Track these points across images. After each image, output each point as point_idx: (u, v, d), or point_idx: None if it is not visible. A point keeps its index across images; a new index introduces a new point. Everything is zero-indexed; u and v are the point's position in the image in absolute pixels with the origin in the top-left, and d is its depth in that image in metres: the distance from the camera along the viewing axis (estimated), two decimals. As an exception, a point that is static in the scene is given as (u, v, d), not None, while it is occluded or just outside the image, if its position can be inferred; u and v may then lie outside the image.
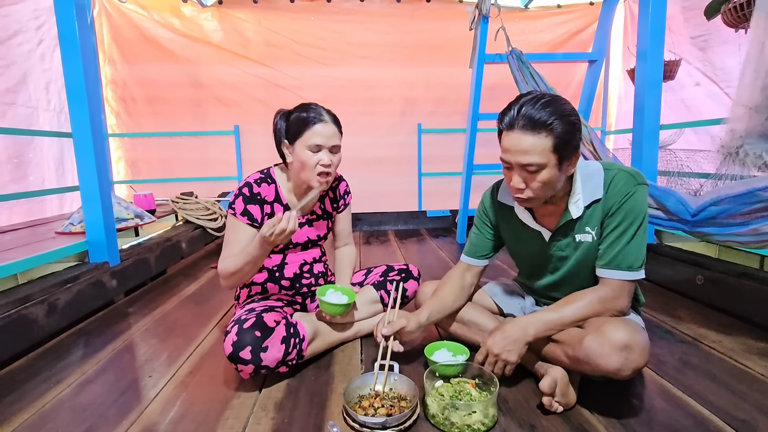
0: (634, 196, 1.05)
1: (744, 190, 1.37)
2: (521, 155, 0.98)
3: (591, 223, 1.10)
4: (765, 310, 1.49)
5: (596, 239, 1.11)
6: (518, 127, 0.98)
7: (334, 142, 1.30)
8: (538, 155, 0.97)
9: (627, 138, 2.57)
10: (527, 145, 0.97)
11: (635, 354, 0.94)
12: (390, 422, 0.96)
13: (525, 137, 0.97)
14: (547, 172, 0.99)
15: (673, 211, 1.65)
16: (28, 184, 2.73)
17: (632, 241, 1.05)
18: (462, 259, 1.35)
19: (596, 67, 2.90)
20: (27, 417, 1.08)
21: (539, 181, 1.00)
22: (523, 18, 3.69)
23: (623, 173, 1.08)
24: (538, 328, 1.06)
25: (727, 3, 1.94)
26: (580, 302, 1.08)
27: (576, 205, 1.09)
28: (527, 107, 0.98)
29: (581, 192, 1.09)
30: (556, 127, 0.96)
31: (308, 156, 1.27)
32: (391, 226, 3.89)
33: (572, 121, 0.98)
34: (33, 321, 1.45)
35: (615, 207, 1.06)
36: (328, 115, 1.30)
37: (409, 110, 3.85)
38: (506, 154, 1.02)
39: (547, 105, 0.97)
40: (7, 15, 2.58)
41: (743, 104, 1.60)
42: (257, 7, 3.56)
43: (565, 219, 1.11)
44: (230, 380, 1.23)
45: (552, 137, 0.96)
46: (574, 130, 0.99)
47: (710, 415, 1.02)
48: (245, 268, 1.25)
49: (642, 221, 1.05)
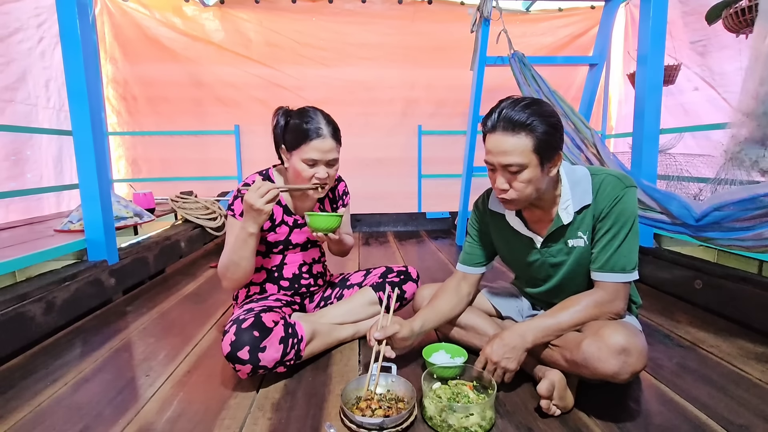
0: (624, 199, 1.06)
1: (747, 196, 1.38)
2: (503, 156, 1.01)
3: (582, 228, 1.11)
4: (763, 315, 1.50)
5: (588, 243, 1.12)
6: (499, 129, 1.01)
7: (332, 156, 1.28)
8: (519, 155, 1.00)
9: (627, 142, 2.57)
10: (508, 146, 1.00)
11: (633, 358, 0.94)
12: (387, 423, 0.96)
13: (506, 138, 1.00)
14: (528, 172, 1.01)
15: (676, 215, 1.66)
16: (26, 182, 2.73)
17: (624, 243, 1.06)
18: (458, 268, 1.35)
19: (597, 71, 2.90)
20: (23, 415, 1.08)
21: (521, 181, 1.02)
22: (524, 21, 3.70)
23: (611, 177, 1.09)
24: (536, 335, 1.07)
25: (728, 8, 1.95)
26: (576, 307, 1.08)
27: (566, 211, 1.10)
28: (507, 110, 1.00)
29: (570, 198, 1.10)
30: (536, 127, 0.98)
31: (303, 168, 1.26)
32: (390, 228, 3.89)
33: (552, 123, 1.01)
34: (30, 319, 1.45)
35: (605, 211, 1.07)
36: (327, 128, 1.26)
37: (410, 112, 3.85)
38: (489, 156, 1.05)
39: (527, 107, 1.00)
40: (8, 12, 2.58)
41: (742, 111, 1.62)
42: (259, 7, 3.56)
43: (556, 225, 1.12)
44: (228, 380, 1.23)
45: (532, 138, 0.99)
46: (555, 131, 1.01)
47: (708, 419, 1.02)
48: (234, 256, 1.24)
49: (633, 223, 1.07)
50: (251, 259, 1.27)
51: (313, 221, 1.25)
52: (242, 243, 1.23)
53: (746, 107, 1.59)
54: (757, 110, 1.56)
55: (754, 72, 1.57)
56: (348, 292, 1.57)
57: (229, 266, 1.26)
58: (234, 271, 1.27)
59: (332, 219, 1.25)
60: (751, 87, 1.58)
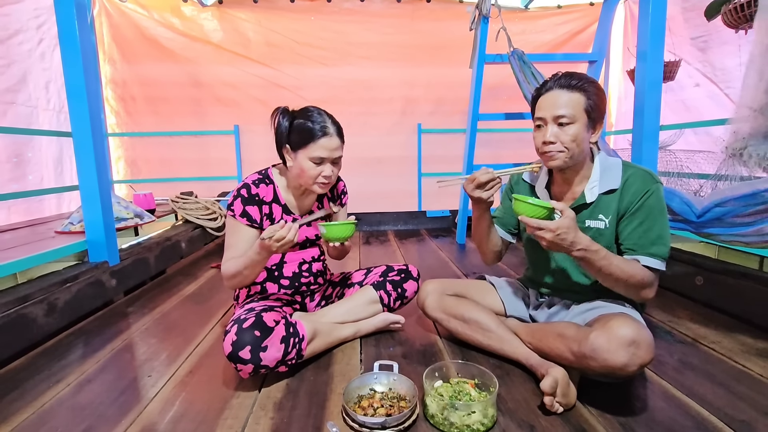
0: (656, 194, 1.12)
1: (749, 191, 1.38)
2: (557, 108, 1.11)
3: (605, 211, 1.16)
4: (764, 311, 1.49)
5: (608, 227, 1.15)
6: (556, 87, 1.13)
7: (338, 154, 1.30)
8: (573, 108, 1.10)
9: (627, 138, 2.57)
10: (563, 100, 1.11)
11: (642, 350, 0.95)
12: (389, 422, 0.96)
13: (562, 93, 1.12)
14: (576, 127, 1.11)
15: (678, 212, 1.66)
16: (27, 184, 2.73)
17: (662, 234, 1.10)
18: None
19: (596, 68, 2.90)
20: (26, 416, 1.08)
21: (569, 134, 1.11)
22: (523, 18, 3.69)
23: (640, 171, 1.15)
24: (587, 246, 1.02)
25: (727, 3, 1.94)
26: (630, 264, 1.07)
27: (591, 192, 1.17)
28: (563, 77, 1.13)
29: (598, 180, 1.16)
30: (589, 89, 1.11)
31: (310, 167, 1.27)
32: (390, 226, 3.89)
33: (601, 90, 1.14)
34: (32, 320, 1.45)
35: (636, 204, 1.12)
36: (332, 127, 1.28)
37: (409, 110, 3.85)
38: (541, 111, 1.15)
39: (580, 75, 1.14)
40: (8, 14, 2.58)
41: (747, 106, 1.61)
42: (257, 6, 3.55)
43: (579, 202, 1.18)
44: (229, 380, 1.23)
45: (585, 97, 1.11)
46: (603, 97, 1.14)
47: (709, 415, 1.02)
48: (245, 271, 1.25)
49: (665, 216, 1.12)
50: (257, 273, 1.30)
51: (329, 232, 1.23)
52: (253, 265, 1.23)
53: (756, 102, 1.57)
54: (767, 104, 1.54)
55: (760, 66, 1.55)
56: (349, 291, 1.57)
57: (236, 275, 1.27)
58: (241, 281, 1.29)
59: (348, 227, 1.25)
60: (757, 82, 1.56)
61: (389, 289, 1.50)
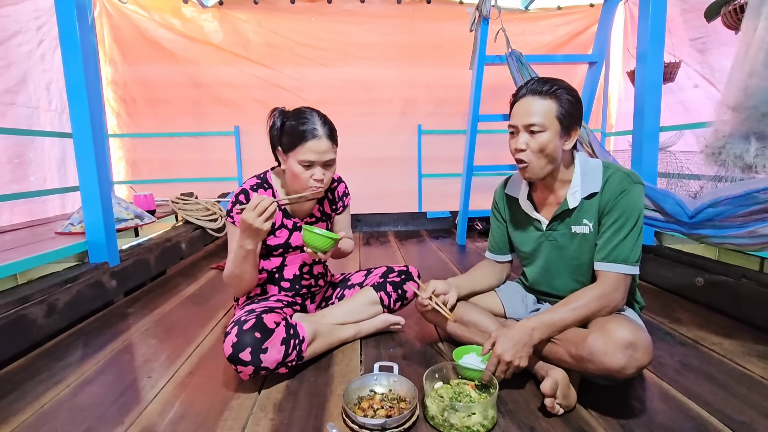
0: (630, 193, 1.10)
1: (742, 192, 1.37)
2: (528, 116, 1.11)
3: (588, 215, 1.16)
4: (765, 312, 1.49)
5: (592, 232, 1.15)
6: (528, 94, 1.12)
7: (328, 157, 1.26)
8: (543, 116, 1.09)
9: (627, 140, 2.57)
10: (534, 108, 1.10)
11: (639, 352, 0.95)
12: (389, 423, 0.96)
13: (533, 100, 1.11)
14: (548, 135, 1.10)
15: (670, 213, 1.66)
16: (29, 185, 2.73)
17: (628, 236, 1.10)
18: (486, 255, 1.44)
19: (596, 69, 2.90)
20: (26, 417, 1.08)
21: (539, 143, 1.10)
22: (523, 19, 3.69)
23: (620, 172, 1.14)
24: (542, 332, 1.07)
25: (727, 5, 1.94)
26: (579, 302, 1.09)
27: (573, 197, 1.16)
28: (536, 82, 1.13)
29: (580, 185, 1.16)
30: (561, 95, 1.10)
31: (300, 170, 1.26)
32: (390, 227, 3.89)
33: (575, 96, 1.12)
34: (32, 321, 1.45)
35: (611, 203, 1.12)
36: (322, 128, 1.25)
37: (409, 111, 3.85)
38: (514, 119, 1.15)
39: (554, 80, 1.13)
40: (7, 15, 2.58)
41: (728, 105, 1.61)
42: (258, 8, 3.56)
43: (562, 208, 1.18)
44: (230, 381, 1.23)
45: (557, 104, 1.10)
46: (577, 104, 1.12)
47: (710, 417, 1.02)
48: (242, 266, 1.24)
49: (638, 218, 1.10)
50: (254, 271, 1.29)
51: (306, 237, 1.22)
52: (242, 259, 1.23)
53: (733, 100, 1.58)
54: (746, 103, 1.55)
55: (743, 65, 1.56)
56: (349, 293, 1.57)
57: (232, 278, 1.27)
58: (238, 283, 1.29)
59: (324, 240, 1.22)
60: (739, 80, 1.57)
61: (389, 291, 1.50)
